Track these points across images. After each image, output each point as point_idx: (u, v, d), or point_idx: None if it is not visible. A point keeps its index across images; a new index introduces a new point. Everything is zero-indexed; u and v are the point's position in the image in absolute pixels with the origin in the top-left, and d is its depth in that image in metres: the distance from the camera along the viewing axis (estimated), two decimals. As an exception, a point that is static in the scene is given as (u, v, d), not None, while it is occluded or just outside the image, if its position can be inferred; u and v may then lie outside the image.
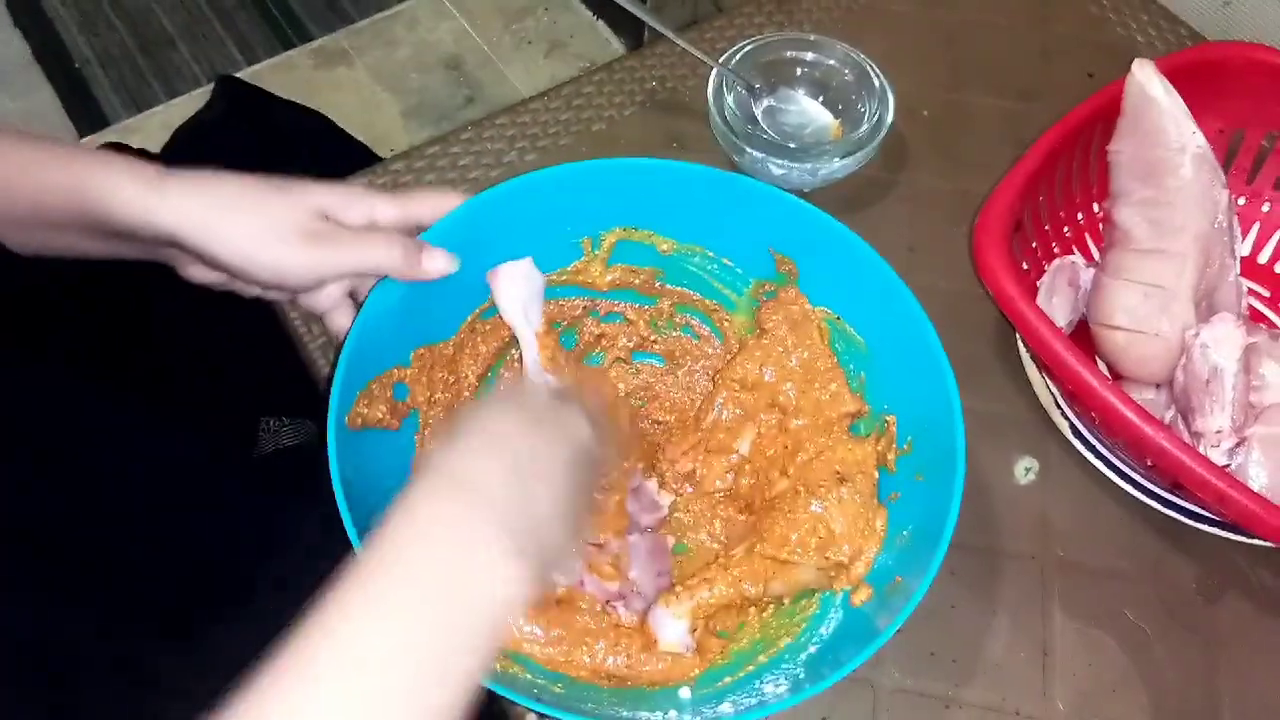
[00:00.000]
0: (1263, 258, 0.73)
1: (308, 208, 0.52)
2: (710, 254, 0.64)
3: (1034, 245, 0.69)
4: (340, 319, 0.57)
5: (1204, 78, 0.69)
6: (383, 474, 0.54)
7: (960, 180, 0.77)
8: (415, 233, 0.56)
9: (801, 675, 0.53)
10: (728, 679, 0.55)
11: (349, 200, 0.54)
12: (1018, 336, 0.68)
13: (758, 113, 0.76)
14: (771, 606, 0.58)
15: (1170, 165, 0.60)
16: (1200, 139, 0.60)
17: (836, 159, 0.72)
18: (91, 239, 0.54)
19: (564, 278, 0.65)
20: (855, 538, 0.57)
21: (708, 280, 0.66)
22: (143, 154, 0.77)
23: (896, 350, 0.58)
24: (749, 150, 0.73)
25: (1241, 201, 0.74)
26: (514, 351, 0.64)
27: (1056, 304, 0.67)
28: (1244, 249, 0.73)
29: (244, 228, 0.51)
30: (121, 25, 1.85)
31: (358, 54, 1.81)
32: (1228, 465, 0.57)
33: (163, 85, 1.77)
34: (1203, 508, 0.59)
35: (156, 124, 1.64)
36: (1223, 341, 0.57)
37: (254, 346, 0.71)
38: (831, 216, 0.59)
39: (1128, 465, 0.62)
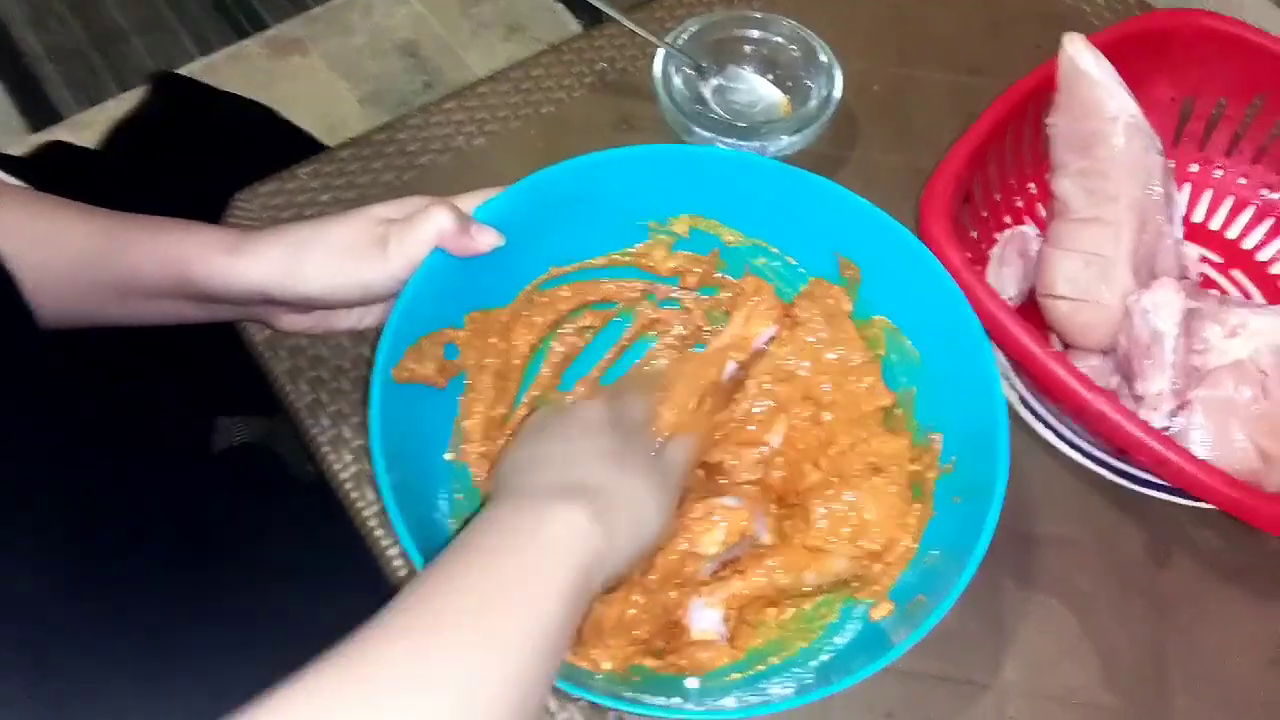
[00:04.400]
0: (1215, 224, 0.74)
1: (369, 220, 0.55)
2: (774, 250, 0.64)
3: (985, 215, 0.70)
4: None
5: (1152, 46, 0.70)
6: (421, 429, 0.57)
7: (911, 155, 0.77)
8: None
9: (810, 681, 0.53)
10: (735, 675, 0.55)
11: (405, 206, 0.56)
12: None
13: (706, 92, 0.76)
14: (791, 610, 0.58)
15: (1103, 135, 0.61)
16: (1132, 108, 0.61)
17: (785, 136, 0.73)
18: (191, 305, 0.57)
19: (626, 258, 0.65)
20: (888, 527, 0.57)
21: (769, 276, 0.65)
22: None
23: (951, 369, 0.58)
24: (697, 130, 0.73)
25: (1194, 169, 0.75)
26: (567, 325, 0.65)
27: (1007, 274, 0.68)
28: (1197, 215, 0.74)
29: (320, 258, 0.54)
30: (72, 19, 1.82)
31: (312, 42, 1.79)
32: (1168, 428, 0.58)
33: (115, 79, 1.74)
34: (1148, 472, 0.60)
35: (108, 119, 1.61)
36: (1162, 306, 0.58)
37: (203, 344, 0.71)
38: (903, 226, 0.58)
39: (1075, 433, 0.63)
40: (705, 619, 0.55)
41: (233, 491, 0.70)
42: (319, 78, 1.73)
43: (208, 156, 0.79)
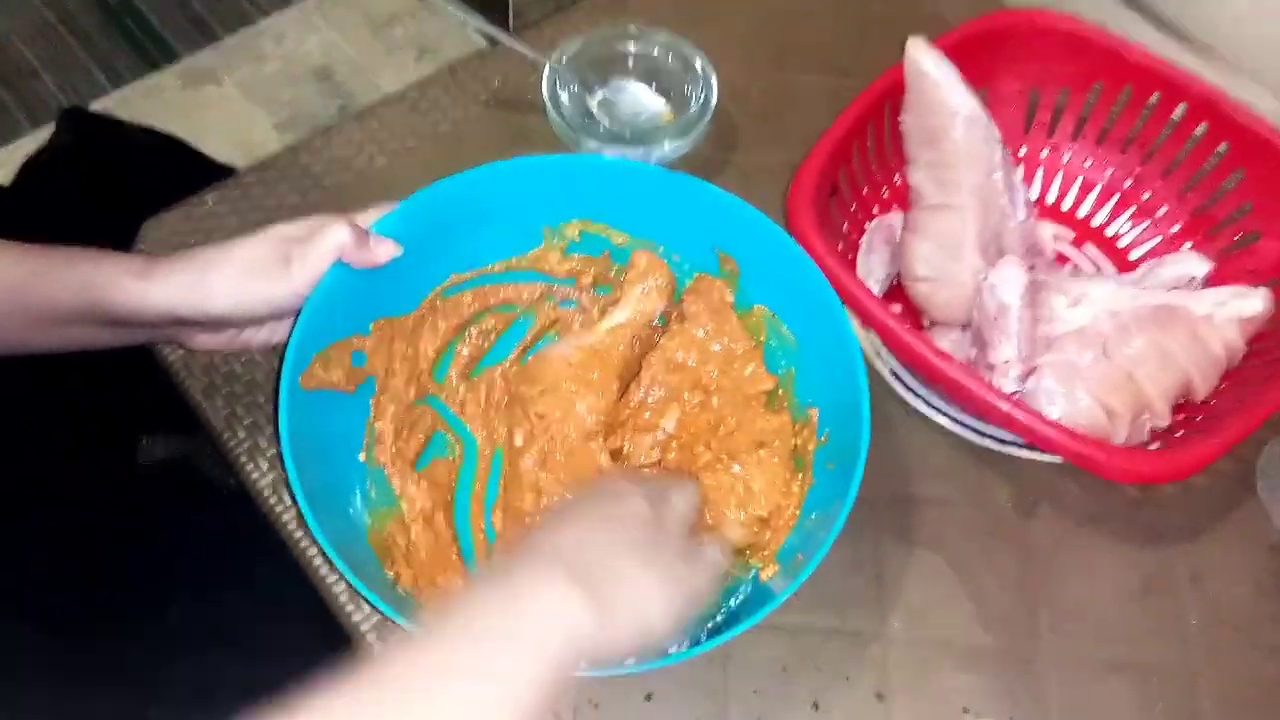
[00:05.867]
0: (1065, 204, 0.80)
1: (272, 239, 0.58)
2: (660, 248, 0.69)
3: (854, 209, 0.75)
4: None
5: (996, 44, 0.76)
6: (332, 432, 0.60)
7: (788, 154, 0.82)
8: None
9: (702, 638, 0.57)
10: None
11: (306, 224, 0.59)
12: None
13: (593, 105, 0.81)
14: None
15: (945, 129, 0.66)
16: (971, 104, 0.67)
17: (668, 142, 0.77)
18: (104, 330, 0.59)
19: (524, 263, 0.69)
20: (774, 495, 0.62)
21: None
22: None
23: (822, 351, 0.63)
24: (586, 140, 0.77)
25: (1045, 154, 0.81)
26: (472, 329, 0.69)
27: (875, 260, 0.73)
28: (1050, 197, 0.80)
29: (225, 278, 0.56)
30: (-20, 57, 1.82)
31: (226, 71, 1.80)
32: (1018, 392, 0.64)
33: (26, 116, 1.74)
34: (1008, 433, 0.66)
35: (21, 156, 1.62)
36: (1007, 281, 0.63)
37: (121, 365, 0.73)
38: (772, 221, 0.63)
39: (940, 400, 0.68)
40: None
41: (156, 506, 0.73)
42: (234, 106, 1.75)
43: (117, 188, 0.82)
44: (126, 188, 0.82)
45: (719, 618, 0.59)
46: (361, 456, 0.63)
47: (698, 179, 0.65)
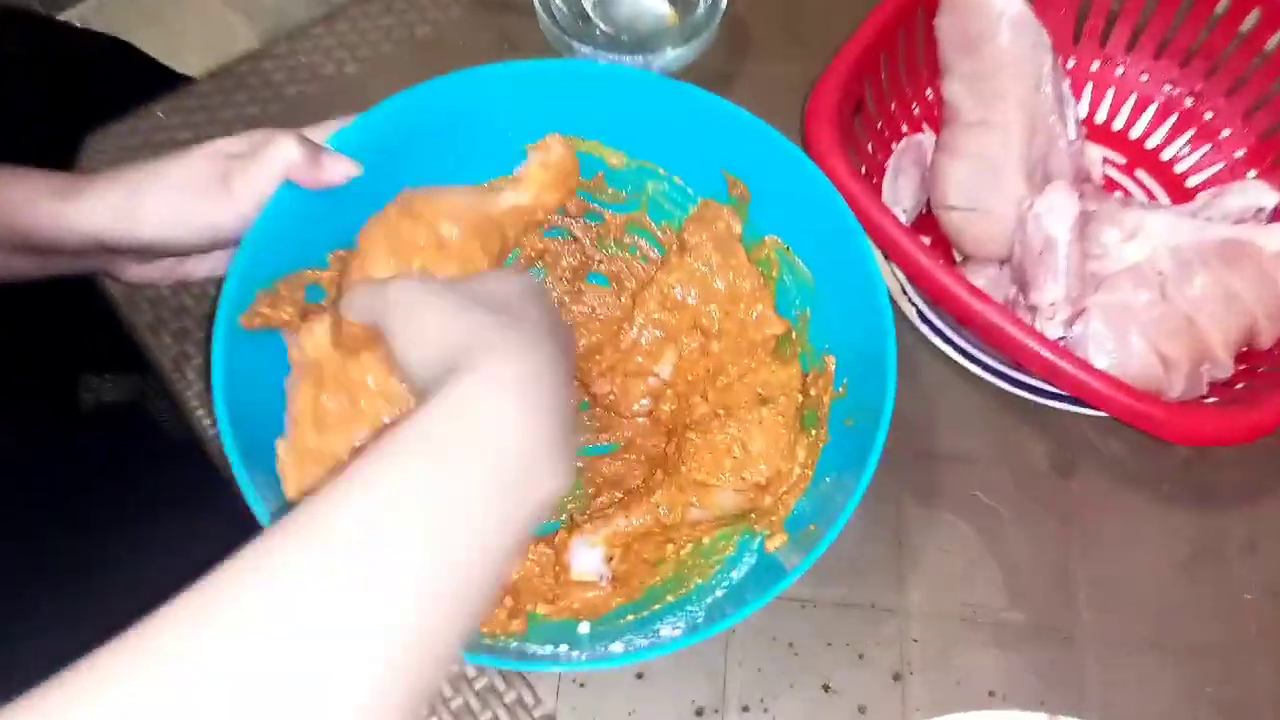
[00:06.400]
0: (1117, 124, 0.72)
1: (210, 156, 0.50)
2: (662, 171, 0.60)
3: (879, 126, 0.67)
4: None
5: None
6: (278, 379, 0.53)
7: (807, 65, 0.73)
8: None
9: (700, 620, 0.51)
10: (630, 616, 0.53)
11: (250, 139, 0.51)
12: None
13: (588, 5, 0.72)
14: (690, 545, 0.56)
15: (988, 34, 0.58)
16: (1018, 4, 0.58)
17: (671, 49, 0.69)
18: (21, 257, 0.52)
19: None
20: (774, 458, 0.54)
21: (659, 200, 0.62)
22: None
23: (842, 289, 0.55)
24: (579, 46, 0.68)
25: (1096, 67, 0.72)
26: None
27: (903, 185, 0.65)
28: (1100, 116, 0.72)
29: (157, 199, 0.49)
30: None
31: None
32: (1064, 338, 0.56)
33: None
34: (1048, 384, 0.58)
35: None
36: (1055, 210, 0.55)
37: (58, 300, 0.66)
38: (787, 139, 0.55)
39: (974, 346, 0.61)
40: (585, 559, 0.53)
41: (100, 454, 0.66)
42: (211, 13, 1.64)
43: (55, 97, 0.74)
44: (66, 97, 0.74)
45: (719, 592, 0.52)
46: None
47: (704, 91, 0.57)
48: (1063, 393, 0.59)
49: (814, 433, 0.55)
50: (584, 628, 0.52)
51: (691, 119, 0.57)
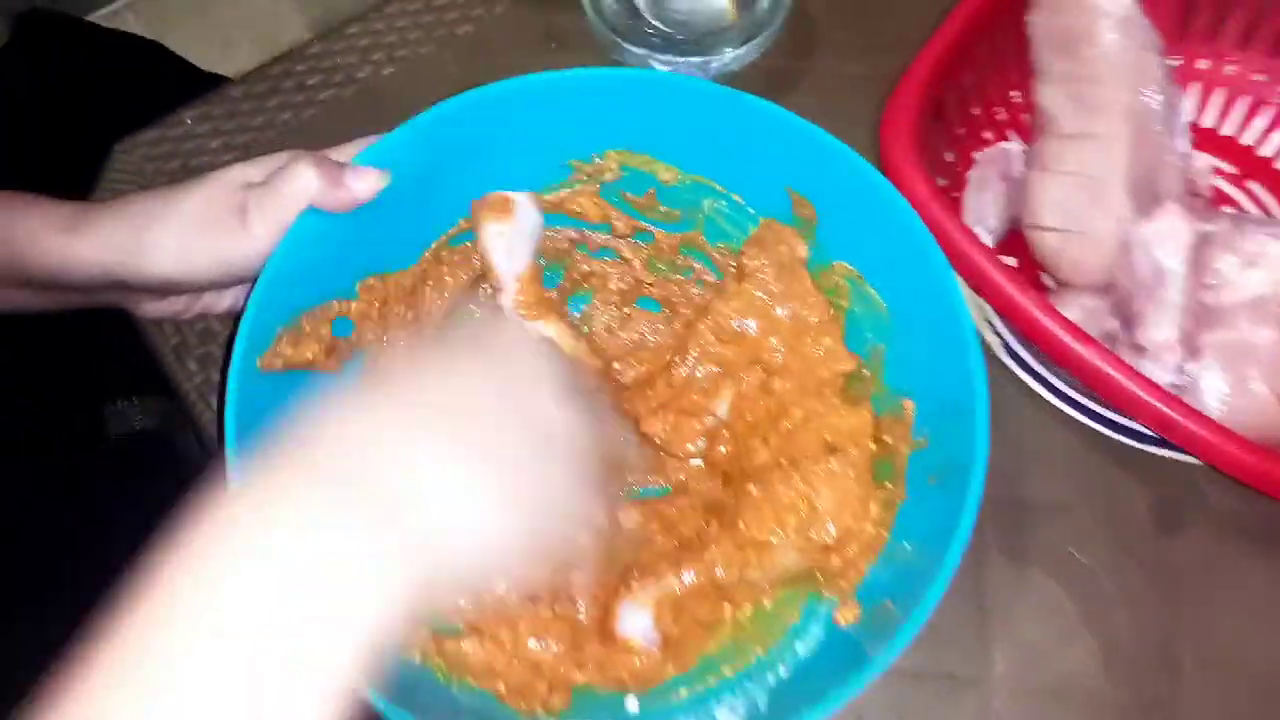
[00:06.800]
0: (1228, 129, 0.64)
1: (224, 185, 0.46)
2: (720, 188, 0.55)
3: (961, 132, 0.61)
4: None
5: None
6: None
7: (878, 62, 0.66)
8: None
9: (762, 706, 0.46)
10: (683, 691, 0.48)
11: (268, 164, 0.47)
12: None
13: (640, 3, 0.66)
14: (750, 608, 0.50)
15: (1089, 32, 0.51)
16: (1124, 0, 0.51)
17: (730, 49, 0.63)
18: (26, 294, 0.50)
19: (550, 204, 0.55)
20: (844, 517, 0.48)
21: (716, 219, 0.56)
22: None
23: (922, 325, 0.48)
24: (628, 46, 0.63)
25: (1203, 64, 0.64)
26: (486, 285, 0.56)
27: (987, 201, 0.59)
28: (1207, 120, 0.64)
29: (167, 235, 0.46)
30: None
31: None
32: (1178, 387, 0.50)
33: None
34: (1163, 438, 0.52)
35: None
36: (1167, 237, 0.49)
37: (84, 322, 0.63)
38: (859, 155, 0.49)
39: (1069, 384, 0.54)
40: (634, 622, 0.48)
41: (125, 485, 0.63)
42: (259, 3, 1.61)
43: (83, 102, 0.70)
44: (94, 102, 0.70)
45: (782, 669, 0.47)
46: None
47: (766, 101, 0.51)
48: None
49: (889, 487, 0.49)
50: (632, 704, 0.47)
51: (752, 131, 0.51)
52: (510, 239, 0.53)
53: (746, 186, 0.54)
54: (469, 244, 0.55)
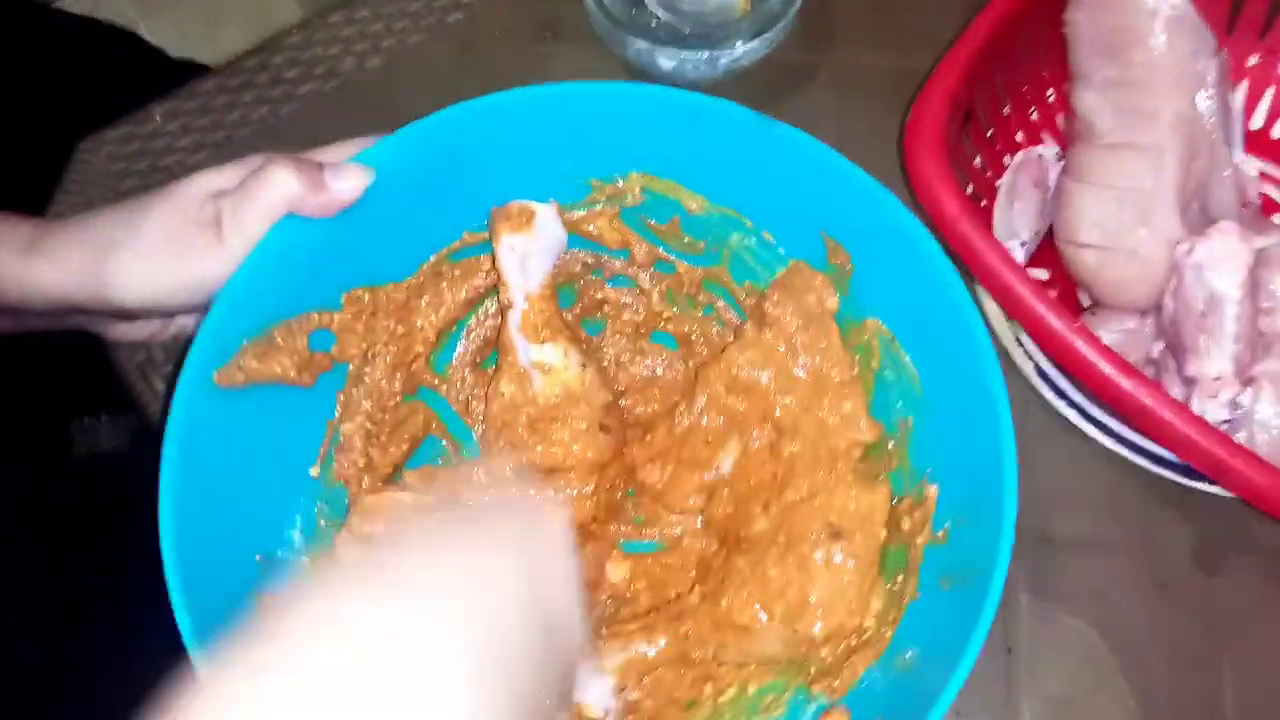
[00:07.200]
0: (1277, 131, 0.60)
1: (192, 197, 0.43)
2: (749, 223, 0.50)
3: (990, 135, 0.56)
4: None
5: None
6: (264, 444, 0.45)
7: (901, 54, 0.63)
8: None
9: None
10: None
11: (239, 169, 0.43)
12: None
13: (644, -9, 0.61)
14: (732, 690, 0.46)
15: (1137, 33, 0.46)
16: (1175, -1, 0.47)
17: (741, 43, 0.58)
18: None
19: (564, 223, 0.51)
20: (838, 612, 0.44)
21: (744, 257, 0.51)
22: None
23: (958, 404, 0.43)
24: (632, 39, 0.59)
25: (1253, 61, 0.60)
26: (488, 304, 0.52)
27: (1019, 212, 0.55)
28: (1256, 121, 0.60)
29: (132, 259, 0.42)
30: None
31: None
32: (1229, 422, 0.45)
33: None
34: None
35: None
36: (1222, 261, 0.44)
37: (52, 336, 0.60)
38: (908, 209, 0.44)
39: (1106, 412, 0.50)
40: (591, 690, 0.44)
41: (95, 505, 0.59)
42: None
43: (50, 95, 0.66)
44: (61, 95, 0.66)
45: None
46: (314, 471, 0.48)
47: (807, 136, 0.45)
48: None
49: (899, 579, 0.44)
50: None
51: (788, 166, 0.46)
52: (527, 253, 0.48)
53: (778, 224, 0.49)
54: (474, 259, 0.51)
